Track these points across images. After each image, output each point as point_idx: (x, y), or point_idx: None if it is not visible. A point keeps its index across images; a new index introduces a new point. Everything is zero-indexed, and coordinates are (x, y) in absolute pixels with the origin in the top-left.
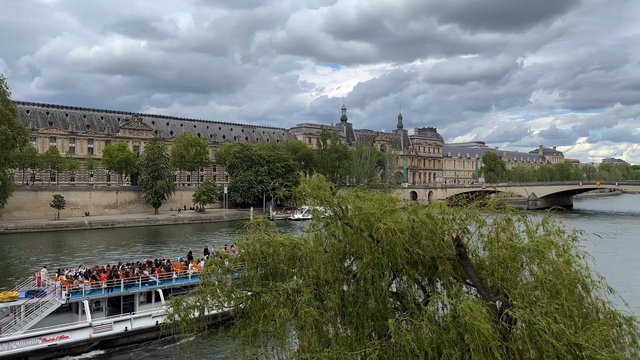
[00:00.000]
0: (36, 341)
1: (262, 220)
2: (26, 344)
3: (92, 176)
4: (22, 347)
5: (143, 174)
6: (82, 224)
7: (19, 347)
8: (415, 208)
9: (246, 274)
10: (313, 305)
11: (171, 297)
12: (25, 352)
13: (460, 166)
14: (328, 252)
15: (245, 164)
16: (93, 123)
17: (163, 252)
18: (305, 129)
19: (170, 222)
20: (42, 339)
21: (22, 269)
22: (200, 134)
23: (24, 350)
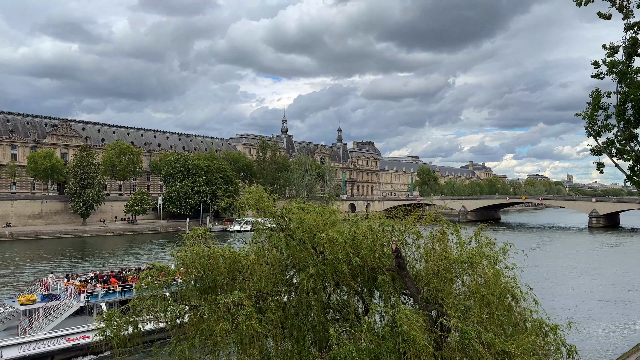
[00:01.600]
0: (61, 341)
1: (202, 232)
2: (52, 343)
3: (15, 184)
4: (48, 346)
5: (71, 183)
6: (3, 235)
7: (46, 346)
8: (356, 220)
9: (184, 287)
10: (254, 318)
11: (106, 312)
12: (52, 351)
13: (397, 179)
14: (270, 264)
15: (181, 173)
16: (17, 128)
17: (88, 265)
18: (245, 140)
19: (99, 234)
20: (67, 338)
21: None
22: (134, 142)
23: (51, 350)
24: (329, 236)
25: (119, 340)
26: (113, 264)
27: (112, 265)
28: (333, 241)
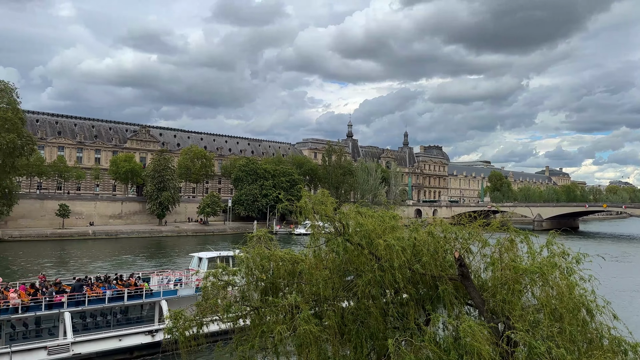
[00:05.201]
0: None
1: (264, 234)
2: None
3: (98, 186)
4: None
5: (149, 185)
6: (86, 234)
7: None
8: (416, 226)
9: (245, 288)
10: (312, 322)
11: (171, 311)
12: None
13: (466, 185)
14: (328, 268)
15: (250, 177)
16: (101, 134)
17: (165, 263)
18: (311, 144)
19: (174, 234)
20: None
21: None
22: (206, 146)
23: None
24: (386, 242)
25: (184, 338)
26: (177, 264)
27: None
28: (391, 247)
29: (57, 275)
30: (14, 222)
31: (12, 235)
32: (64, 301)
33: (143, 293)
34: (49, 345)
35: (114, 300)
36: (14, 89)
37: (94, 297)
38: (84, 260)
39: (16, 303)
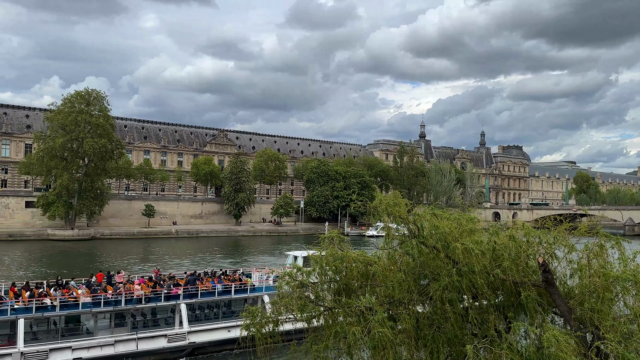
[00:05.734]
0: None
1: (336, 235)
2: None
3: (181, 187)
4: None
5: (226, 187)
6: (170, 233)
7: None
8: (496, 229)
9: (319, 288)
10: (386, 325)
11: (247, 308)
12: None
13: (549, 187)
14: (402, 271)
15: (321, 179)
16: (183, 138)
17: (242, 262)
18: (382, 145)
19: (249, 234)
20: None
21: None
22: (280, 149)
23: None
24: (464, 245)
25: (260, 335)
26: (254, 262)
27: (241, 264)
28: (469, 251)
29: (150, 269)
30: (105, 221)
31: (103, 233)
32: (179, 293)
33: (248, 288)
34: (168, 333)
35: (222, 294)
36: (105, 97)
37: (205, 291)
38: (168, 257)
39: (140, 294)
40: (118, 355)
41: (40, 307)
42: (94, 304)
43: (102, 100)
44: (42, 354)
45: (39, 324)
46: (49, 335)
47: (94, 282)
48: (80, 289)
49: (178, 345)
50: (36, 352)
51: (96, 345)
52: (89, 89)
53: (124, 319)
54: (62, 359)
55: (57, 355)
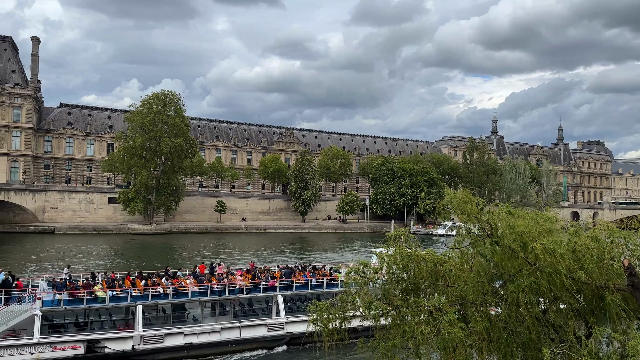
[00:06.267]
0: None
1: (404, 234)
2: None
3: (250, 185)
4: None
5: (293, 184)
6: (240, 228)
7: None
8: (577, 229)
9: (386, 286)
10: (457, 326)
11: (315, 303)
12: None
13: (634, 185)
14: (474, 271)
15: (387, 176)
16: (252, 136)
17: (307, 258)
18: (450, 142)
19: (315, 230)
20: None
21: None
22: (345, 146)
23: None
24: (544, 246)
25: (328, 330)
26: (321, 259)
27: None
28: (550, 251)
29: (245, 262)
30: (180, 217)
31: (178, 227)
32: (276, 285)
33: (338, 282)
34: (268, 322)
35: (315, 287)
36: (180, 98)
37: (299, 284)
38: (239, 251)
39: (241, 285)
40: (223, 341)
41: (155, 294)
42: (200, 293)
43: (177, 102)
44: (158, 338)
45: (149, 311)
46: (159, 320)
47: (198, 272)
48: (188, 279)
49: (277, 335)
50: (153, 335)
51: (204, 332)
52: (165, 91)
53: (226, 308)
54: (175, 343)
55: (170, 339)
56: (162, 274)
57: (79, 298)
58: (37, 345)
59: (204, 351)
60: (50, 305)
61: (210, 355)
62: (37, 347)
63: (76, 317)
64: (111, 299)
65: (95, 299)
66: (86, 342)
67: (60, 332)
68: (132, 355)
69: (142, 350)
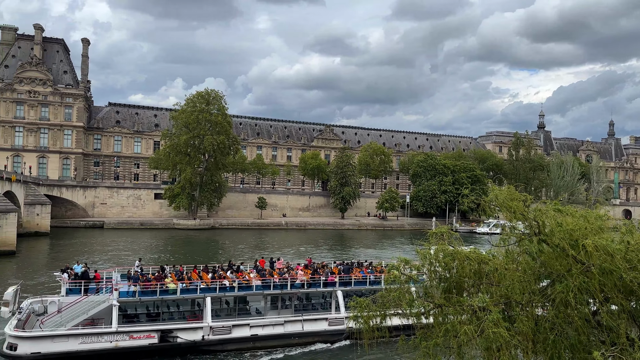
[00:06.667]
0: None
1: (446, 231)
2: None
3: (290, 181)
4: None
5: (332, 181)
6: (280, 224)
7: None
8: (630, 228)
9: (428, 284)
10: (502, 326)
11: (355, 299)
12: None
13: None
14: (520, 270)
15: (428, 173)
16: (292, 134)
17: (343, 255)
18: (495, 137)
19: (354, 227)
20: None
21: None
22: (385, 143)
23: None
24: (596, 244)
25: (368, 327)
26: (360, 255)
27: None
28: (603, 250)
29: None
30: (223, 212)
31: (221, 223)
32: (336, 281)
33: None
34: (329, 317)
35: (373, 284)
36: (222, 97)
37: (357, 280)
38: (279, 247)
39: (303, 280)
40: (287, 334)
41: (221, 287)
42: (263, 287)
43: (220, 100)
44: (226, 329)
45: (215, 303)
46: (224, 312)
47: (259, 267)
48: (252, 273)
49: (337, 329)
50: (222, 326)
51: (269, 324)
52: (208, 90)
53: (286, 302)
54: (241, 334)
55: (237, 330)
56: (227, 267)
57: (151, 290)
58: (115, 334)
59: (269, 343)
60: (126, 296)
61: (275, 347)
62: (115, 336)
63: (146, 308)
64: (181, 291)
65: (167, 290)
66: (160, 331)
67: (133, 322)
68: (202, 345)
69: (211, 341)
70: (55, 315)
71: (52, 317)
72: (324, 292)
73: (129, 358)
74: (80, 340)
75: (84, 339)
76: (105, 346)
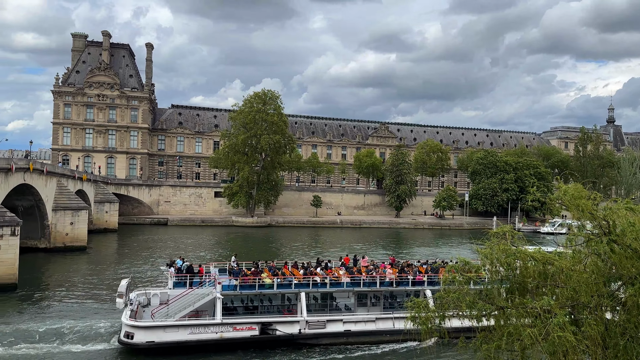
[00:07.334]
0: None
1: (509, 230)
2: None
3: (344, 180)
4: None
5: (387, 179)
6: (335, 222)
7: None
8: None
9: (489, 286)
10: (568, 330)
11: (413, 299)
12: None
13: None
14: (588, 272)
15: (489, 170)
16: (346, 132)
17: (400, 254)
18: (560, 133)
19: (411, 226)
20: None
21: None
22: (442, 140)
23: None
24: None
25: (427, 328)
26: (416, 255)
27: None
28: None
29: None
30: (279, 210)
31: (277, 221)
32: (424, 280)
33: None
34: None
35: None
36: (278, 97)
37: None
38: (334, 245)
39: (391, 278)
40: (378, 331)
41: (314, 283)
42: (352, 284)
43: (276, 100)
44: (321, 324)
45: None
46: (314, 307)
47: (344, 263)
48: (341, 270)
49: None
50: (317, 321)
51: (361, 320)
52: (265, 90)
53: (374, 299)
54: (335, 329)
55: (332, 326)
56: (315, 264)
57: (249, 284)
58: (220, 325)
59: (361, 339)
60: (227, 289)
61: (367, 343)
62: (220, 327)
63: (241, 301)
64: (278, 286)
65: (263, 285)
66: (260, 324)
67: (232, 315)
68: (299, 339)
69: (307, 335)
70: (164, 306)
71: (161, 309)
72: (412, 290)
73: (231, 349)
74: (189, 330)
75: (193, 330)
76: (211, 337)
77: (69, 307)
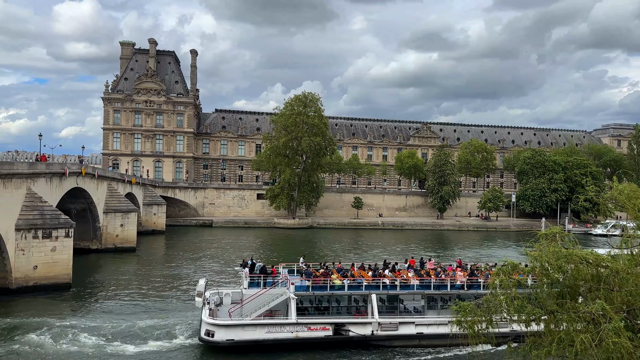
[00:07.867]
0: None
1: (559, 232)
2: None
3: (385, 181)
4: None
5: (430, 180)
6: (376, 224)
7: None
8: None
9: (538, 289)
10: (624, 335)
11: (458, 303)
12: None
13: None
14: None
15: (536, 170)
16: (387, 133)
17: (445, 256)
18: (612, 130)
19: (455, 228)
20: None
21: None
22: (487, 139)
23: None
24: None
25: (473, 332)
26: (456, 257)
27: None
28: None
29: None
30: (320, 212)
31: (319, 222)
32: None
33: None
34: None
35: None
36: (319, 99)
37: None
38: (376, 247)
39: (462, 281)
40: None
41: (384, 285)
42: (422, 286)
43: (316, 102)
44: (394, 326)
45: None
46: (383, 309)
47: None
48: (409, 273)
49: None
50: (389, 323)
51: (433, 323)
52: (305, 93)
53: (441, 302)
54: (407, 332)
55: (404, 328)
56: (382, 266)
57: (320, 285)
58: (295, 325)
59: (433, 342)
60: (300, 290)
61: (439, 346)
62: (295, 327)
63: (311, 302)
64: (349, 287)
65: (334, 286)
66: (334, 324)
67: (304, 315)
68: (371, 340)
69: (379, 336)
70: (239, 305)
71: (237, 308)
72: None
73: (306, 348)
74: (266, 329)
75: (269, 329)
76: (287, 336)
77: (126, 305)
